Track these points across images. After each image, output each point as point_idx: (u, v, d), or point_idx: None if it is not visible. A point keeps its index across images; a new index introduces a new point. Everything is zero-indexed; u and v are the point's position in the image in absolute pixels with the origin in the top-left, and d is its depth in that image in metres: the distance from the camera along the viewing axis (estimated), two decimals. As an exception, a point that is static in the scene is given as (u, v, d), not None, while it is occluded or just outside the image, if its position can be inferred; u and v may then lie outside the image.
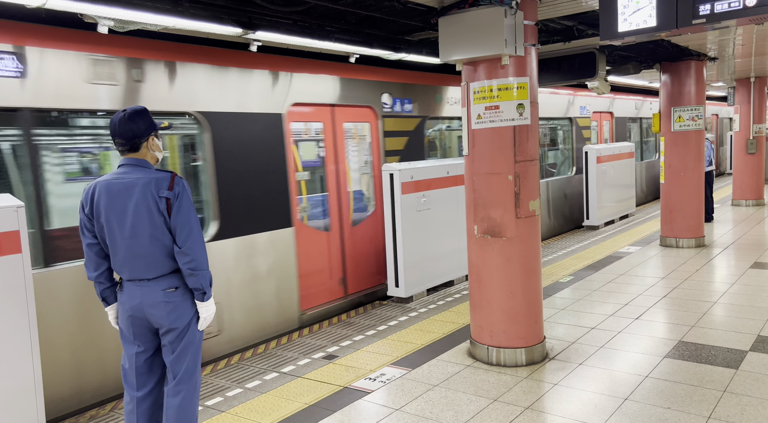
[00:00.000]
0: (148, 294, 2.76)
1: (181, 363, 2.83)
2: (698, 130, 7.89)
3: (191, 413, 2.86)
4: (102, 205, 2.74)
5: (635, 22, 3.60)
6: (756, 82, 11.67)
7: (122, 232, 2.73)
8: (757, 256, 7.28)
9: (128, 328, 2.83)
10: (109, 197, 2.73)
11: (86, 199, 2.78)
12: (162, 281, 2.77)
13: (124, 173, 2.77)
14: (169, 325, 2.79)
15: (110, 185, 2.75)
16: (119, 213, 2.72)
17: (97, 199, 2.75)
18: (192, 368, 2.86)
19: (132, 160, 2.79)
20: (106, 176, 2.80)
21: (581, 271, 6.94)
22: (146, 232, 2.72)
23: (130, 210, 2.71)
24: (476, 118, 4.15)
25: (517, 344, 4.19)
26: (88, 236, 2.81)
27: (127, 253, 2.74)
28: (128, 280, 2.79)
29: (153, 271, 2.75)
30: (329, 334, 5.20)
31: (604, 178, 10.04)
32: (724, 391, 3.58)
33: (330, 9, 4.57)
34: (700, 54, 7.82)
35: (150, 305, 2.77)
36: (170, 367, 2.84)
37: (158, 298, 2.76)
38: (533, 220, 4.20)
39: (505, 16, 3.82)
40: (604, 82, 6.90)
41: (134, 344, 2.84)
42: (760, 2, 3.24)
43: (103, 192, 2.74)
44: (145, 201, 2.70)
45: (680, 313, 5.20)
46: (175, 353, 2.82)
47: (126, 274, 2.78)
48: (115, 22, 3.55)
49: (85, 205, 2.78)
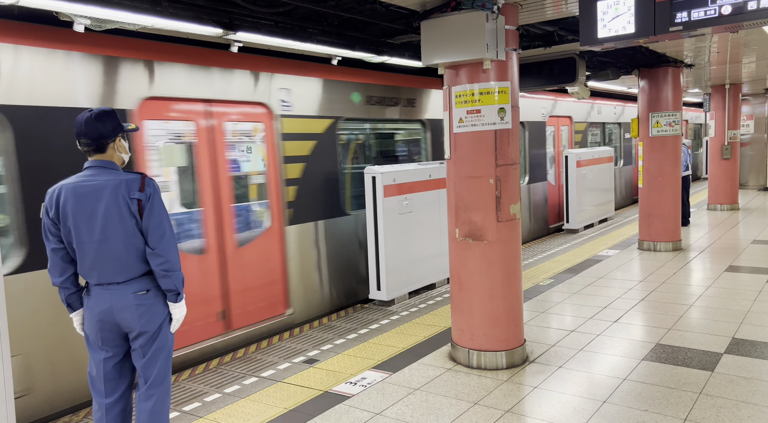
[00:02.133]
0: (118, 298, 2.71)
1: (153, 367, 2.79)
2: (675, 136, 8.03)
3: (164, 417, 2.83)
4: (69, 209, 2.66)
5: (614, 28, 3.64)
6: (731, 89, 11.94)
7: (91, 236, 2.67)
8: (732, 259, 7.43)
9: (96, 334, 2.76)
10: (77, 200, 2.66)
11: (50, 202, 2.69)
12: (133, 284, 2.73)
13: (92, 175, 2.70)
14: (141, 329, 2.74)
15: (77, 188, 2.67)
16: (88, 216, 2.66)
17: (63, 202, 2.66)
18: (164, 372, 2.83)
19: (98, 162, 2.74)
20: (71, 179, 2.71)
21: (561, 274, 7.00)
22: (117, 235, 2.67)
23: (99, 213, 2.65)
24: (458, 121, 4.16)
25: (497, 347, 4.20)
26: (52, 241, 2.72)
27: (97, 256, 2.68)
28: (96, 285, 2.72)
29: (123, 274, 2.71)
30: (310, 337, 5.16)
31: (584, 182, 10.16)
32: (699, 394, 3.63)
33: (312, 11, 4.55)
34: (677, 61, 7.98)
35: (120, 309, 2.71)
36: (141, 371, 2.80)
37: (129, 302, 2.71)
38: (514, 224, 4.22)
39: (487, 21, 3.84)
40: (584, 87, 6.98)
41: (102, 350, 2.78)
42: (734, 11, 3.30)
43: (70, 195, 2.66)
44: (116, 203, 2.65)
45: (658, 316, 5.27)
46: (146, 357, 2.78)
47: (94, 279, 2.72)
48: (91, 21, 3.48)
49: (50, 208, 2.69)
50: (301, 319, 5.86)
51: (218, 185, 5.08)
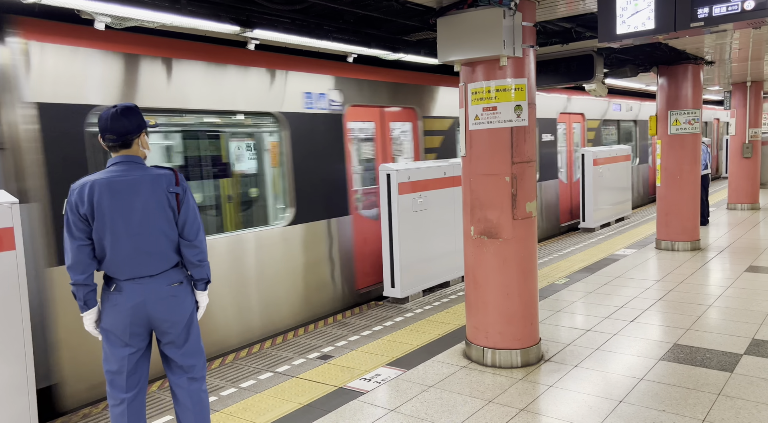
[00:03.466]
0: (152, 290, 2.75)
1: (193, 352, 2.91)
2: (694, 134, 7.91)
3: (207, 400, 2.99)
4: (105, 204, 2.67)
5: (633, 24, 3.60)
6: (752, 87, 11.72)
7: (128, 229, 2.70)
8: (752, 259, 7.31)
9: (124, 330, 2.76)
10: (113, 195, 2.68)
11: (80, 199, 2.68)
12: (166, 276, 2.80)
13: (124, 170, 2.73)
14: (176, 319, 2.82)
15: (112, 183, 2.70)
16: (126, 210, 2.69)
17: (97, 198, 2.67)
18: (203, 356, 2.96)
19: (126, 157, 2.77)
20: (99, 175, 2.73)
21: (577, 273, 6.95)
22: (156, 228, 2.74)
23: (138, 206, 2.71)
24: (474, 119, 4.14)
25: (512, 346, 4.19)
26: (79, 238, 2.69)
27: (132, 250, 2.71)
28: (126, 279, 2.73)
29: (158, 266, 2.77)
30: (324, 334, 5.18)
31: (600, 181, 10.05)
32: (718, 395, 3.59)
33: (328, 8, 4.56)
34: (697, 58, 7.85)
35: (155, 302, 2.76)
36: (180, 359, 2.87)
37: (164, 294, 2.78)
38: (530, 222, 4.19)
39: (504, 17, 3.82)
40: (601, 84, 6.91)
41: (128, 346, 2.79)
42: (758, 6, 3.24)
43: (105, 190, 2.68)
44: (155, 196, 2.73)
45: (675, 315, 5.21)
46: (184, 346, 2.87)
47: (126, 273, 2.73)
48: (112, 19, 3.52)
49: (80, 205, 2.68)
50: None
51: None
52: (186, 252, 2.83)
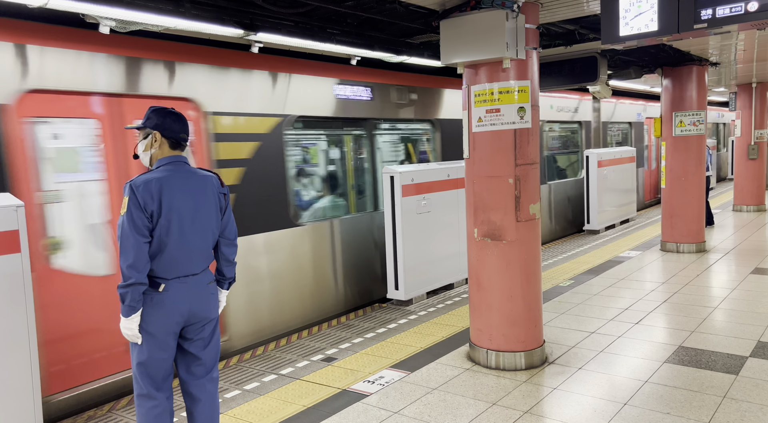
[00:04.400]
0: (195, 288, 2.81)
1: (215, 351, 2.97)
2: (699, 135, 7.88)
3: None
4: (174, 202, 2.70)
5: (637, 26, 3.59)
6: (758, 88, 11.66)
7: (193, 227, 2.77)
8: (758, 261, 7.26)
9: (168, 330, 2.75)
10: (182, 193, 2.74)
11: (148, 196, 2.64)
12: (206, 274, 2.88)
13: (184, 169, 2.81)
14: (212, 316, 2.91)
15: (181, 181, 2.76)
16: (192, 208, 2.77)
17: (168, 195, 2.69)
18: (218, 355, 3.01)
19: (181, 158, 2.87)
20: (161, 173, 2.72)
21: (581, 275, 6.93)
22: (210, 226, 2.86)
23: (201, 205, 2.80)
24: (477, 121, 4.14)
25: (516, 348, 4.18)
26: (145, 235, 2.64)
27: (189, 248, 2.76)
28: (174, 278, 2.73)
29: (202, 264, 2.86)
30: (328, 336, 5.19)
31: (605, 183, 10.03)
32: (723, 397, 3.57)
33: (332, 11, 4.58)
34: (702, 59, 7.82)
35: (198, 299, 2.81)
36: (205, 357, 2.91)
37: (205, 291, 2.86)
38: (533, 224, 4.19)
39: (507, 20, 3.82)
40: (605, 86, 6.88)
41: (169, 347, 2.80)
42: (762, 7, 3.23)
43: (174, 187, 2.72)
44: (214, 197, 2.87)
45: (680, 318, 5.18)
46: (210, 343, 2.93)
47: (177, 271, 2.74)
48: (116, 23, 3.55)
49: (149, 202, 2.64)
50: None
51: None
52: (226, 250, 2.96)
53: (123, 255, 2.62)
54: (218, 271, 3.01)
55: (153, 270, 2.72)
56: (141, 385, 2.79)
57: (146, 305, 2.72)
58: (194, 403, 2.92)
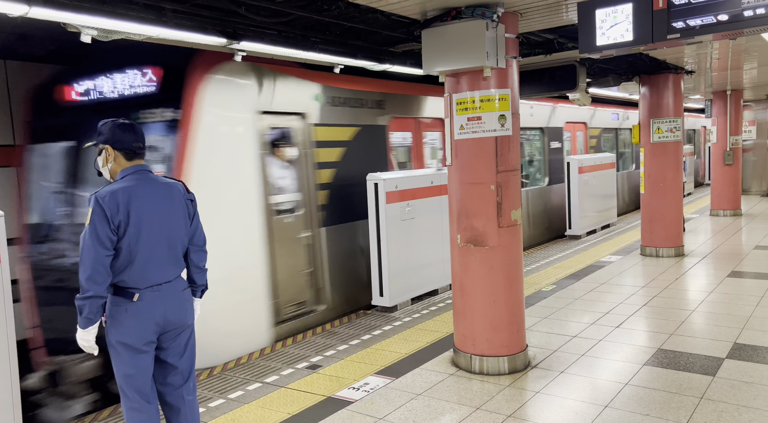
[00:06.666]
0: (169, 296, 2.80)
1: (192, 359, 2.95)
2: (676, 142, 8.05)
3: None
4: (142, 210, 2.69)
5: (613, 36, 3.68)
6: (732, 95, 11.96)
7: (162, 235, 2.76)
8: (734, 265, 7.43)
9: (146, 339, 2.74)
10: (149, 201, 2.73)
11: (114, 207, 2.61)
12: (179, 282, 2.88)
13: (148, 178, 2.81)
14: (189, 323, 2.89)
15: (147, 190, 2.74)
16: (160, 216, 2.76)
17: (134, 205, 2.66)
18: (194, 363, 2.99)
19: (144, 167, 2.86)
20: (126, 182, 2.71)
21: (564, 280, 7.02)
22: (180, 233, 2.85)
23: (170, 213, 2.80)
24: (459, 128, 4.20)
25: (499, 353, 4.22)
26: (108, 248, 2.61)
27: (159, 256, 2.75)
28: (148, 287, 2.72)
29: (175, 271, 2.85)
30: (313, 343, 5.18)
31: (586, 189, 10.17)
32: (701, 398, 3.64)
33: (314, 20, 4.61)
34: (678, 67, 8.01)
35: (173, 307, 2.80)
36: (182, 366, 2.89)
37: (180, 298, 2.85)
38: (515, 230, 4.25)
39: (487, 29, 3.89)
40: (585, 93, 7.02)
41: (148, 355, 2.78)
42: (732, 18, 3.34)
43: (142, 197, 2.70)
44: (181, 204, 2.86)
45: (659, 321, 5.28)
46: (186, 351, 2.92)
47: (150, 280, 2.73)
48: (98, 32, 3.54)
49: (115, 213, 2.61)
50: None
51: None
52: (195, 257, 2.95)
53: (82, 267, 2.60)
54: (189, 278, 2.99)
55: (125, 280, 2.71)
56: (130, 398, 2.77)
57: (122, 316, 2.71)
58: (175, 414, 2.91)
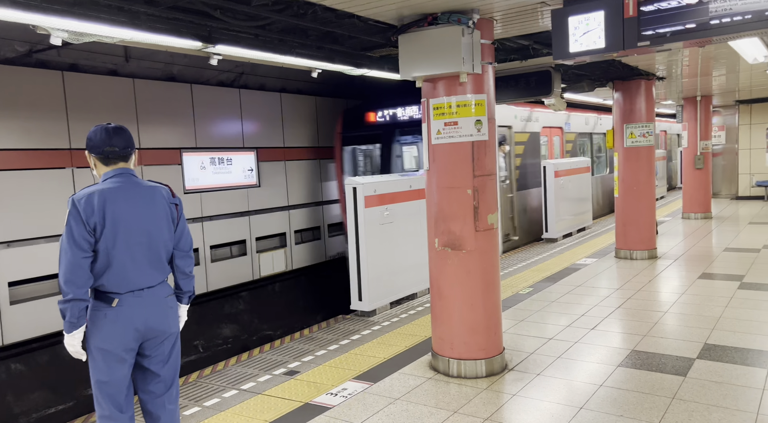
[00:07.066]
0: (152, 302, 2.74)
1: (176, 367, 2.89)
2: (649, 146, 8.23)
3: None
4: (119, 213, 2.65)
5: (586, 43, 3.75)
6: (702, 101, 12.27)
7: (140, 238, 2.71)
8: (705, 266, 7.61)
9: (126, 346, 2.68)
10: (127, 204, 2.68)
11: (89, 209, 2.59)
12: (163, 288, 2.82)
13: (130, 181, 2.76)
14: (172, 331, 2.84)
15: (125, 192, 2.70)
16: (139, 220, 2.71)
17: (111, 208, 2.63)
18: (177, 372, 2.93)
19: (126, 170, 2.80)
20: (105, 185, 2.69)
21: (540, 283, 7.10)
22: (162, 238, 2.79)
23: (150, 216, 2.74)
24: (436, 133, 4.23)
25: (477, 356, 4.25)
26: (86, 249, 2.59)
27: (139, 260, 2.70)
28: (128, 292, 2.68)
29: (158, 277, 2.79)
30: (291, 349, 5.15)
31: (562, 192, 10.32)
32: (673, 398, 3.72)
33: (291, 24, 4.59)
34: (650, 73, 8.19)
35: (155, 313, 2.75)
36: (164, 374, 2.83)
37: (164, 305, 2.80)
38: (492, 234, 4.29)
39: (463, 35, 3.93)
40: (560, 99, 7.13)
41: (126, 363, 2.73)
42: (699, 26, 3.43)
43: (117, 199, 2.66)
44: (164, 208, 2.80)
45: (633, 322, 5.38)
46: (171, 359, 2.86)
47: (130, 285, 2.68)
48: (69, 34, 3.47)
49: (91, 215, 2.59)
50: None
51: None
52: (181, 263, 2.91)
53: (60, 270, 2.58)
54: (175, 284, 2.97)
55: (104, 284, 2.67)
56: (103, 407, 2.71)
57: (101, 321, 2.66)
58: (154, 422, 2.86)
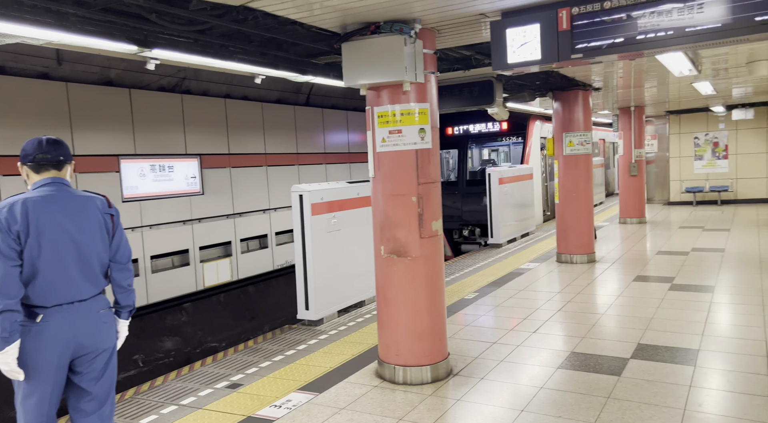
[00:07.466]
0: (83, 316, 2.61)
1: (111, 385, 2.77)
2: (587, 154, 8.57)
3: None
4: (44, 223, 2.54)
5: (523, 54, 3.87)
6: (636, 111, 12.91)
7: (68, 249, 2.58)
8: (640, 269, 7.98)
9: (54, 362, 2.55)
10: (55, 214, 2.56)
11: (12, 217, 2.50)
12: (97, 301, 2.70)
13: (60, 190, 2.65)
14: (105, 346, 2.71)
15: (50, 200, 2.58)
16: (68, 230, 2.58)
17: (36, 216, 2.53)
18: (112, 390, 2.81)
19: (58, 179, 2.69)
20: (32, 194, 2.60)
21: (485, 288, 7.23)
22: (95, 249, 2.67)
23: (80, 227, 2.62)
24: (381, 141, 4.25)
25: (422, 362, 4.27)
26: (13, 258, 2.49)
27: (67, 272, 2.57)
28: (55, 306, 2.55)
29: (91, 290, 2.66)
30: (234, 361, 5.01)
31: (506, 199, 10.58)
32: (608, 398, 3.86)
33: (232, 30, 4.51)
34: (587, 84, 8.55)
35: (86, 328, 2.62)
36: (96, 392, 2.70)
37: (97, 319, 2.67)
38: (436, 240, 4.33)
39: (405, 44, 3.97)
40: (502, 108, 7.33)
41: (58, 383, 2.60)
42: (628, 40, 3.61)
43: (43, 207, 2.55)
44: (96, 218, 2.69)
45: (573, 325, 5.56)
46: (104, 376, 2.73)
47: (57, 298, 2.55)
48: (-10, 34, 3.28)
49: (13, 223, 2.49)
50: None
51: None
52: (118, 276, 2.80)
53: None
54: (114, 299, 2.86)
55: (29, 297, 2.53)
56: None
57: (25, 337, 2.51)
58: None
